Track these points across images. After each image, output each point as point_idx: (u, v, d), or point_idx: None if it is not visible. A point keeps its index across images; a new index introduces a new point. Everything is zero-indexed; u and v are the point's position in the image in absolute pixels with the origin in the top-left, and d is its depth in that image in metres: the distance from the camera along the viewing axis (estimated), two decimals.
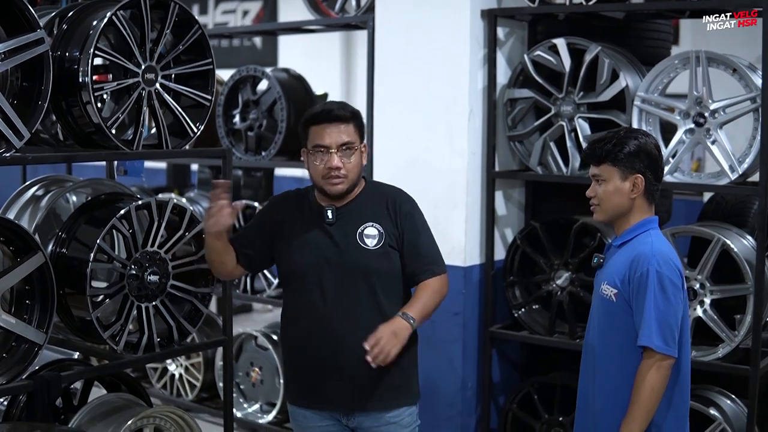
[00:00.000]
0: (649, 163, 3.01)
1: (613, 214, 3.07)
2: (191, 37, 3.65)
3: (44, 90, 3.22)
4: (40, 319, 3.29)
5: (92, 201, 3.75)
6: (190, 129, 3.69)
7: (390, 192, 3.39)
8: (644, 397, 2.91)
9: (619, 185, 3.01)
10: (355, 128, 3.28)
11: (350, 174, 3.25)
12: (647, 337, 2.90)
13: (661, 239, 3.04)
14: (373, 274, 3.26)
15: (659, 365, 2.91)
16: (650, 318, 2.90)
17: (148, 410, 3.69)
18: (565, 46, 4.38)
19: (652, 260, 2.92)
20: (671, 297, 2.91)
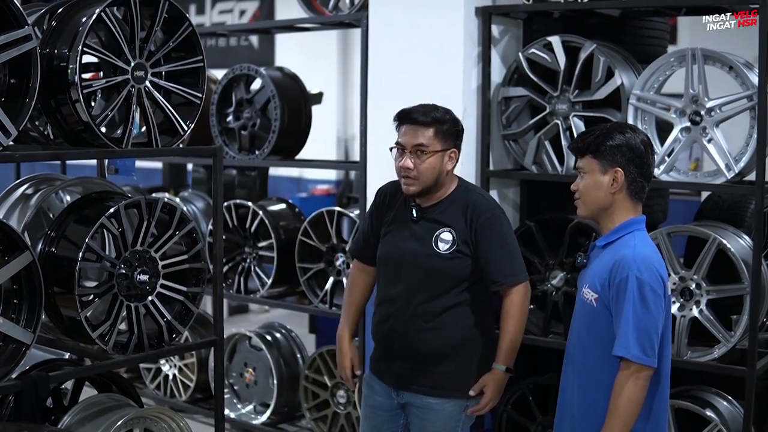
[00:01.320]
0: (632, 158, 2.92)
1: (594, 208, 3.00)
2: (181, 34, 3.61)
3: (32, 87, 3.18)
4: (28, 318, 3.24)
5: (82, 200, 3.71)
6: (180, 127, 3.65)
7: (473, 199, 3.51)
8: (622, 408, 2.83)
9: (598, 179, 2.94)
10: (436, 133, 3.43)
11: (422, 176, 3.43)
12: (624, 347, 2.82)
13: (646, 243, 2.96)
14: (441, 276, 3.48)
15: (637, 376, 2.83)
16: (628, 327, 2.82)
17: (139, 411, 3.65)
18: (560, 44, 4.35)
19: (633, 266, 2.83)
20: (651, 305, 2.83)
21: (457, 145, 3.52)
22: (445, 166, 3.47)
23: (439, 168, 3.45)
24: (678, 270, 4.12)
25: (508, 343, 3.49)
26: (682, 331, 4.11)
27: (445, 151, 3.46)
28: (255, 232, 5.59)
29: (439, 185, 3.49)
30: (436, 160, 3.43)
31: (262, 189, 6.28)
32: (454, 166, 3.52)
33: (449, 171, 3.50)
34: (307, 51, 11.66)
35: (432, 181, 3.46)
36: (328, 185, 11.84)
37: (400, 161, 3.47)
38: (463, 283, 3.50)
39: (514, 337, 3.49)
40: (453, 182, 3.56)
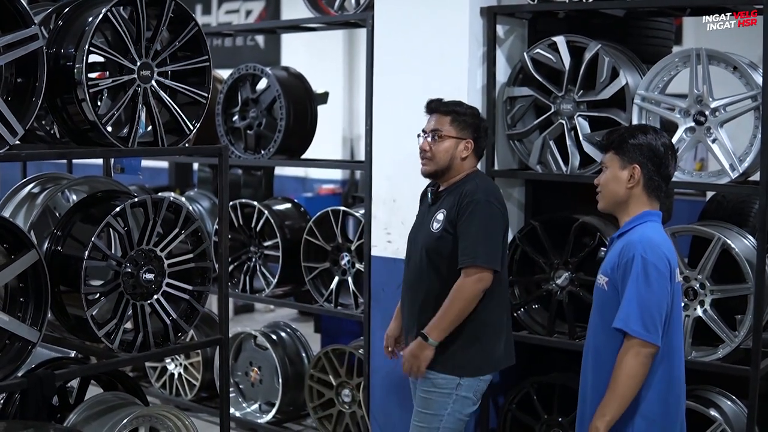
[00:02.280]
0: (651, 157, 3.05)
1: (611, 202, 3.12)
2: (187, 33, 3.63)
3: (38, 86, 3.20)
4: (34, 316, 3.27)
5: (88, 198, 3.74)
6: (186, 126, 3.67)
7: (470, 187, 3.76)
8: (620, 383, 2.89)
9: (617, 173, 3.08)
10: (452, 121, 3.82)
11: (435, 157, 3.81)
12: (623, 321, 2.90)
13: (656, 230, 3.05)
14: (432, 254, 3.79)
15: (638, 351, 2.88)
16: (630, 303, 2.90)
17: (144, 409, 3.68)
18: (564, 44, 4.35)
19: (638, 246, 2.95)
20: (654, 284, 2.90)
21: (475, 138, 3.82)
22: (459, 152, 3.80)
23: (452, 153, 3.80)
24: (682, 270, 4.12)
25: (438, 317, 3.69)
26: (686, 331, 4.10)
27: (460, 139, 3.80)
28: (260, 231, 5.60)
29: (453, 171, 3.81)
30: (451, 144, 3.79)
31: (268, 188, 6.30)
32: (468, 156, 3.82)
33: (463, 159, 3.81)
34: (313, 51, 11.68)
35: (445, 163, 3.80)
36: (334, 185, 11.86)
37: (420, 144, 3.87)
38: (449, 262, 3.73)
39: (445, 314, 3.67)
40: (466, 171, 3.83)
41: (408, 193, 4.68)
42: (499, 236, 3.73)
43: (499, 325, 3.82)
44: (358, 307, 5.15)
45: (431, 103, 3.92)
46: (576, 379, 4.49)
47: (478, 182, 3.80)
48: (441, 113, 3.85)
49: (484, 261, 3.64)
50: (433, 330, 3.69)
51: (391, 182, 4.80)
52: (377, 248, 4.90)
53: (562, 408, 4.52)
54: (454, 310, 3.67)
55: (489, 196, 3.73)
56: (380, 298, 4.90)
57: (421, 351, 3.71)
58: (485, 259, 3.65)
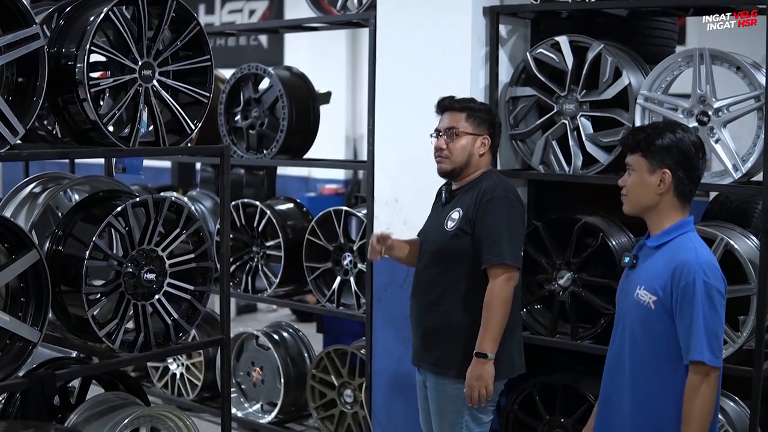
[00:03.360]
0: (681, 160, 2.92)
1: (639, 207, 3.00)
2: (189, 33, 3.62)
3: (39, 86, 3.20)
4: (35, 316, 3.26)
5: (89, 198, 3.73)
6: (187, 126, 3.66)
7: (487, 185, 3.69)
8: (698, 412, 2.83)
9: (646, 178, 2.94)
10: (467, 118, 3.75)
11: (453, 155, 3.74)
12: (699, 352, 2.82)
13: (704, 245, 2.96)
14: (444, 253, 3.71)
15: (709, 378, 2.84)
16: (700, 331, 2.81)
17: (145, 409, 3.67)
18: (567, 44, 4.34)
19: (699, 270, 2.83)
20: (719, 308, 2.84)
21: (491, 134, 3.78)
22: (476, 149, 3.75)
23: (470, 150, 3.74)
24: None
25: (484, 329, 3.57)
26: None
27: (477, 136, 3.75)
28: (263, 231, 5.59)
29: (470, 168, 3.76)
30: (468, 141, 3.74)
31: (270, 188, 6.30)
32: (485, 153, 3.78)
33: (481, 156, 3.76)
34: (316, 50, 11.66)
35: (462, 161, 3.74)
36: (337, 185, 11.85)
37: (435, 143, 3.79)
38: (463, 262, 3.67)
39: (490, 323, 3.56)
40: (482, 169, 3.78)
41: (410, 193, 4.68)
42: (521, 234, 3.71)
43: (513, 329, 3.71)
44: (360, 308, 5.14)
45: (443, 101, 3.85)
46: (578, 380, 4.52)
47: (496, 179, 3.73)
48: (455, 110, 3.79)
49: (510, 259, 3.57)
50: (485, 344, 3.55)
51: (393, 182, 4.79)
52: None
53: (565, 409, 4.51)
54: (497, 316, 3.55)
55: (509, 193, 3.68)
56: (382, 298, 4.89)
57: (483, 370, 3.55)
58: (511, 256, 3.58)
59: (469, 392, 3.58)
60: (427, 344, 3.78)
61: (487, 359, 3.56)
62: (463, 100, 3.85)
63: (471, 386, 3.57)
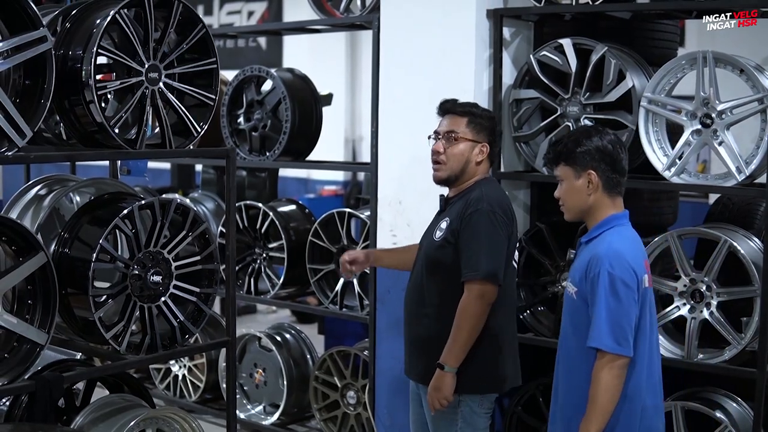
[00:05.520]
0: (602, 158, 3.09)
1: (577, 212, 3.17)
2: (195, 35, 3.63)
3: (47, 88, 3.20)
4: (42, 319, 3.27)
5: (95, 201, 3.74)
6: (193, 128, 3.67)
7: (475, 196, 3.62)
8: (600, 397, 2.97)
9: (574, 184, 3.12)
10: (468, 123, 3.68)
11: (449, 161, 3.67)
12: (597, 339, 2.98)
13: (623, 238, 3.09)
14: (431, 263, 3.68)
15: (611, 365, 2.97)
16: (600, 319, 2.97)
17: (151, 412, 3.67)
18: (571, 46, 4.35)
19: (605, 261, 2.99)
20: (623, 298, 2.97)
21: (490, 142, 3.71)
22: (473, 156, 3.67)
23: (467, 156, 3.67)
24: (689, 272, 4.13)
25: (449, 342, 3.56)
26: (692, 333, 4.11)
27: (476, 143, 3.67)
28: (265, 233, 5.60)
29: (466, 175, 3.69)
30: (466, 147, 3.66)
31: (272, 190, 6.30)
32: (482, 160, 3.70)
33: (477, 163, 3.69)
34: (315, 52, 11.68)
35: (459, 168, 3.67)
36: (336, 186, 11.86)
37: (432, 146, 3.73)
38: (448, 273, 3.62)
39: (455, 337, 3.54)
40: (478, 177, 3.71)
41: (414, 195, 4.69)
42: (502, 248, 3.57)
43: (500, 343, 3.67)
44: (363, 309, 5.15)
45: (445, 104, 3.79)
46: None
47: (485, 190, 3.64)
48: (456, 114, 3.72)
49: (486, 274, 3.50)
50: (448, 357, 3.54)
51: (396, 184, 4.80)
52: None
53: None
54: (463, 331, 3.52)
55: (493, 205, 3.58)
56: (386, 300, 4.90)
57: (441, 382, 3.55)
58: (487, 272, 3.51)
59: (429, 401, 3.61)
60: (415, 354, 3.79)
61: (446, 372, 3.54)
62: (466, 104, 3.78)
63: (430, 396, 3.61)
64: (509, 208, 3.67)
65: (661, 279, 4.21)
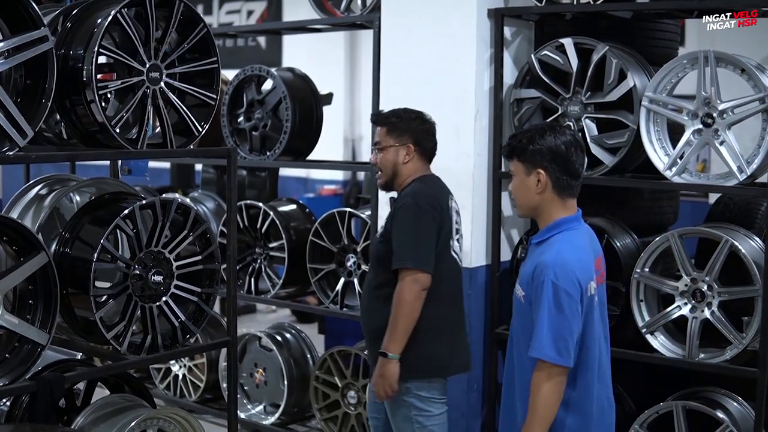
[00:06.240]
0: (554, 159, 3.03)
1: (526, 208, 3.15)
2: (196, 35, 3.62)
3: (48, 88, 3.20)
4: (43, 319, 3.26)
5: (96, 200, 3.73)
6: (195, 128, 3.66)
7: (405, 191, 3.84)
8: (539, 406, 2.96)
9: (524, 180, 3.09)
10: (388, 132, 3.89)
11: (383, 169, 3.91)
12: (538, 349, 2.94)
13: (571, 244, 3.03)
14: (374, 258, 3.92)
15: (550, 375, 2.94)
16: (542, 329, 2.94)
17: (152, 412, 3.67)
18: (572, 46, 4.34)
19: (550, 271, 2.94)
20: (566, 309, 2.93)
21: (416, 141, 3.87)
22: (400, 159, 3.87)
23: (394, 161, 3.88)
24: (690, 272, 4.12)
25: (388, 330, 3.71)
26: (693, 333, 4.11)
27: (400, 146, 3.87)
28: (266, 232, 5.59)
29: (400, 177, 3.89)
30: (391, 154, 3.88)
31: (272, 190, 6.29)
32: (410, 160, 3.87)
33: (405, 163, 3.88)
34: (314, 51, 11.66)
35: (391, 172, 3.90)
36: (335, 185, 11.85)
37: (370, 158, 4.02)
38: (387, 266, 3.76)
39: (393, 324, 3.69)
40: (412, 176, 3.89)
41: None
42: (429, 238, 3.72)
43: (439, 329, 3.77)
44: None
45: (372, 117, 4.07)
46: None
47: (414, 186, 3.83)
48: (380, 125, 3.94)
49: (413, 263, 3.66)
50: (389, 344, 3.68)
51: None
52: None
53: None
54: (400, 317, 3.66)
55: (418, 198, 3.75)
56: None
57: (385, 369, 3.69)
58: (415, 261, 3.66)
59: (375, 390, 3.75)
60: (368, 346, 3.98)
61: (389, 359, 3.68)
62: (386, 114, 3.97)
63: (375, 383, 3.75)
64: (437, 200, 3.80)
65: (662, 279, 4.21)
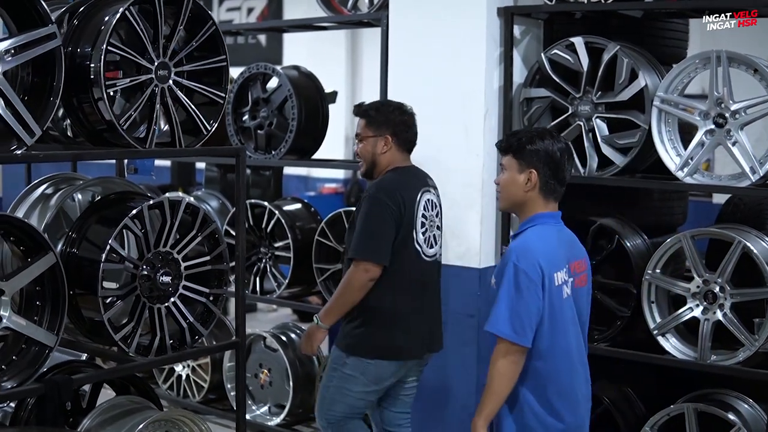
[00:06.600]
0: (547, 162, 3.18)
1: (510, 203, 3.27)
2: (205, 33, 3.58)
3: (56, 86, 3.16)
4: (51, 320, 3.22)
5: (103, 200, 3.68)
6: (203, 127, 3.62)
7: (371, 183, 4.02)
8: (494, 383, 3.09)
9: (515, 177, 3.21)
10: (367, 124, 4.05)
11: (363, 159, 4.08)
12: (493, 324, 3.08)
13: (540, 235, 3.17)
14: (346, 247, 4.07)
15: (507, 351, 3.06)
16: (500, 307, 3.08)
17: (161, 414, 3.63)
18: (583, 45, 4.30)
19: (513, 254, 3.11)
20: (524, 291, 3.06)
21: (393, 132, 4.02)
22: (378, 149, 4.03)
23: (372, 151, 4.04)
24: (702, 273, 4.09)
25: (330, 301, 4.00)
26: (705, 335, 4.07)
27: (377, 137, 4.02)
28: (271, 232, 5.54)
29: (379, 167, 4.05)
30: (370, 145, 4.04)
31: (277, 188, 6.24)
32: (387, 151, 4.02)
33: (383, 154, 4.02)
34: (315, 49, 11.62)
35: (370, 162, 4.06)
36: (336, 184, 11.81)
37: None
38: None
39: (332, 299, 3.98)
40: (388, 167, 4.04)
41: None
42: (384, 229, 3.86)
43: (391, 315, 3.93)
44: None
45: (353, 109, 4.16)
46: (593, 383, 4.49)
47: (384, 177, 3.99)
48: (359, 116, 4.10)
49: (363, 254, 3.84)
50: (323, 314, 3.98)
51: None
52: None
53: None
54: (339, 296, 3.92)
55: (378, 191, 3.90)
56: None
57: (313, 332, 4.03)
58: (365, 252, 3.84)
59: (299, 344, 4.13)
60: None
61: (318, 326, 3.99)
62: (366, 106, 4.11)
63: (302, 340, 4.11)
64: (398, 193, 3.90)
65: (674, 280, 4.18)
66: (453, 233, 4.57)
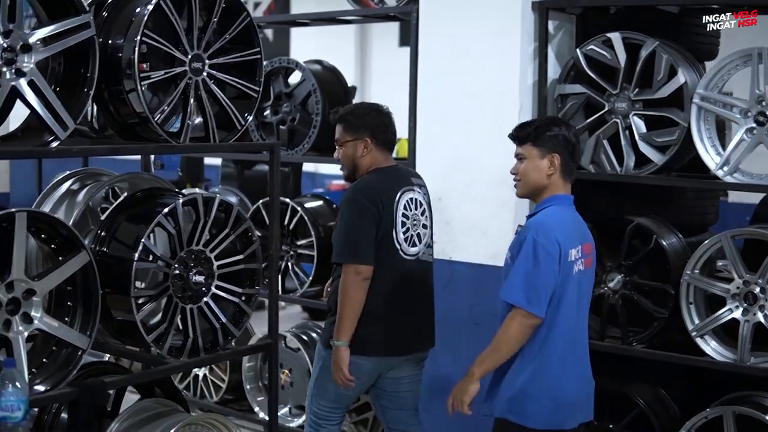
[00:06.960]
0: (566, 146, 3.35)
1: (532, 189, 3.38)
2: (239, 24, 3.48)
3: (90, 77, 3.07)
4: (83, 321, 3.11)
5: (131, 197, 3.57)
6: (237, 121, 3.52)
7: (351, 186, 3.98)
8: (500, 341, 3.22)
9: (537, 163, 3.34)
10: (345, 129, 4.00)
11: (344, 164, 4.05)
12: (508, 292, 3.21)
13: (555, 213, 3.30)
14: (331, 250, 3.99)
15: (521, 319, 3.19)
16: (517, 277, 3.20)
17: (192, 417, 3.52)
18: (620, 41, 4.20)
19: (533, 229, 3.23)
20: (542, 263, 3.17)
21: (372, 134, 3.95)
22: (358, 153, 3.98)
23: (352, 155, 3.99)
24: (743, 274, 3.99)
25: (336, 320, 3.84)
26: (745, 337, 3.97)
27: (356, 141, 3.96)
28: (293, 229, 5.43)
29: (360, 170, 4.00)
30: (350, 149, 3.99)
31: (296, 185, 6.13)
32: (366, 154, 3.96)
33: (362, 157, 3.97)
34: (323, 44, 11.49)
35: (351, 166, 4.02)
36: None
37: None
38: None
39: (339, 315, 3.82)
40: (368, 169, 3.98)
41: (454, 192, 4.55)
42: (364, 231, 3.81)
43: (367, 311, 3.84)
44: None
45: (330, 116, 4.15)
46: (626, 384, 4.42)
47: (363, 179, 3.94)
48: (337, 123, 4.05)
49: (349, 258, 3.79)
50: (337, 333, 3.83)
51: (436, 181, 4.62)
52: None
53: (613, 414, 4.38)
54: (344, 306, 3.80)
55: (357, 193, 3.86)
56: None
57: (336, 356, 3.83)
58: (350, 256, 3.79)
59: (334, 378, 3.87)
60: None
61: (338, 346, 3.82)
62: (342, 111, 4.06)
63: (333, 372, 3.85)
64: (377, 193, 3.85)
65: (713, 281, 4.08)
66: (483, 231, 4.47)
